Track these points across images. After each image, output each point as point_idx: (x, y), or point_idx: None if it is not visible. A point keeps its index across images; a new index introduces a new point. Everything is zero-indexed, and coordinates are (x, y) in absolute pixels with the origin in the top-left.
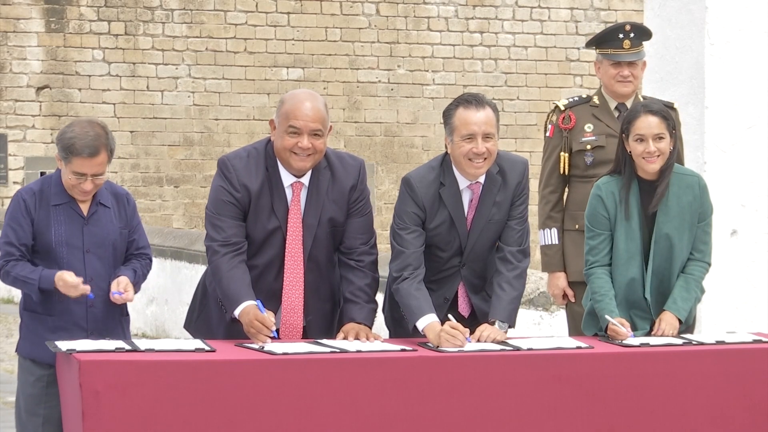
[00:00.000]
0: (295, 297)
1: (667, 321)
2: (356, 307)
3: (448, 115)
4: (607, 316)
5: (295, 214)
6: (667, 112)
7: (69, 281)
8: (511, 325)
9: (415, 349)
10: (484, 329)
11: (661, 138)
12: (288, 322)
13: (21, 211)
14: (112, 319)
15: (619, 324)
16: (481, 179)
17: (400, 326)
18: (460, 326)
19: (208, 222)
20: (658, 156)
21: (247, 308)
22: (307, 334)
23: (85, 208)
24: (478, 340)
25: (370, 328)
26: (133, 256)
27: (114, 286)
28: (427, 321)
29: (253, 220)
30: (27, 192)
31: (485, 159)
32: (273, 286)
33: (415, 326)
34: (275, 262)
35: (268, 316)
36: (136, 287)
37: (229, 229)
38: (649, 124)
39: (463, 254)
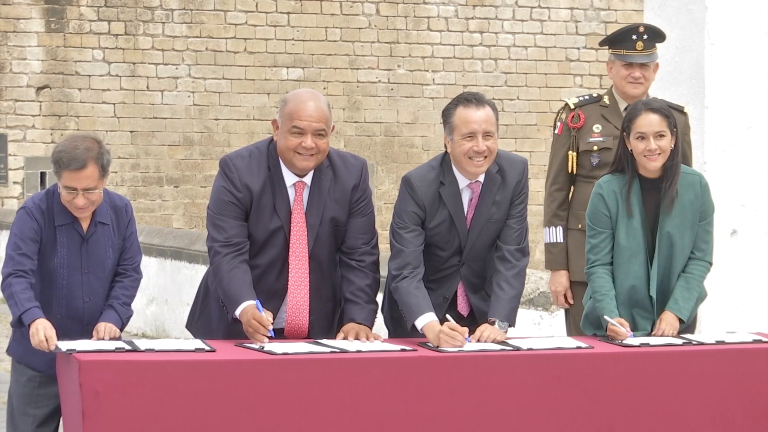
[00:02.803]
0: (300, 297)
1: (668, 321)
2: (356, 307)
3: (447, 114)
4: (606, 317)
5: (298, 215)
6: (667, 110)
7: (39, 338)
8: (511, 324)
9: (415, 349)
10: (484, 329)
11: (662, 136)
12: (293, 322)
13: (33, 228)
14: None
15: (618, 324)
16: (481, 178)
17: (400, 325)
18: (458, 327)
19: (210, 222)
20: (659, 154)
21: (246, 308)
22: (309, 334)
23: (85, 226)
24: (478, 340)
25: (371, 328)
26: (120, 274)
27: (95, 335)
28: (426, 320)
29: (255, 220)
30: (36, 210)
31: (486, 157)
32: (275, 286)
33: (413, 325)
34: (277, 262)
35: (267, 316)
36: (124, 319)
37: (231, 229)
38: (650, 121)
39: (462, 253)
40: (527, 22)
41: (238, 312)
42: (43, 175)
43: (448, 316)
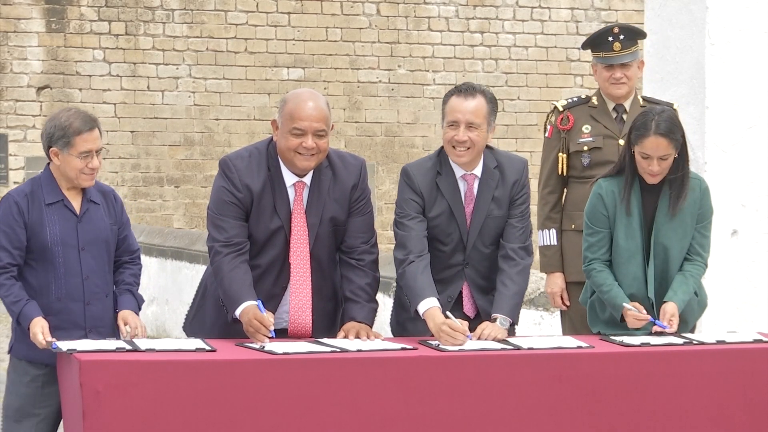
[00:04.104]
0: (302, 296)
1: (671, 312)
2: (357, 306)
3: (443, 102)
4: (625, 305)
5: (299, 215)
6: (674, 129)
7: (38, 338)
8: (514, 321)
9: (416, 348)
10: (484, 327)
11: (665, 158)
12: (296, 322)
13: (13, 214)
14: (110, 318)
15: (635, 309)
16: (478, 172)
17: (405, 329)
18: (459, 326)
19: (211, 222)
20: (660, 174)
21: (247, 308)
22: (311, 334)
23: (77, 205)
24: (479, 338)
25: (371, 327)
26: (127, 262)
27: (124, 329)
28: (428, 305)
29: (255, 220)
30: (18, 194)
31: (468, 148)
32: (275, 286)
33: (416, 311)
34: (277, 262)
35: (268, 316)
36: (141, 306)
37: (232, 229)
38: (657, 145)
39: (465, 251)
40: (528, 22)
41: (238, 312)
42: None
43: (449, 314)
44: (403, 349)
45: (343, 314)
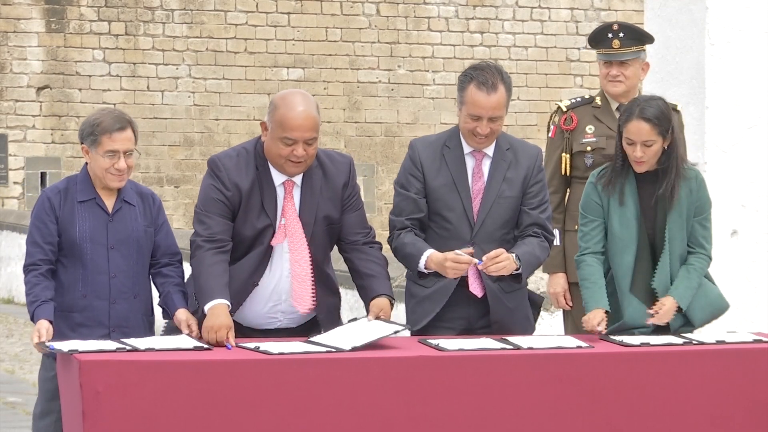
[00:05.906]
0: (303, 280)
1: (668, 306)
2: (377, 281)
3: (462, 84)
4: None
5: (290, 211)
6: (660, 117)
7: (33, 340)
8: (524, 274)
9: (416, 347)
10: (500, 254)
11: (649, 145)
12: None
13: (45, 209)
14: (135, 318)
15: (591, 318)
16: (489, 151)
17: (414, 312)
18: (465, 257)
19: (196, 218)
20: (645, 161)
21: (218, 306)
22: (321, 329)
23: (110, 204)
24: (488, 262)
25: (393, 300)
26: (169, 264)
27: (188, 327)
28: (426, 255)
29: (242, 219)
30: (52, 190)
31: (487, 137)
32: (246, 283)
33: (419, 272)
34: (258, 256)
35: (230, 339)
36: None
37: (216, 226)
38: (638, 130)
39: (473, 228)
40: (527, 23)
41: (208, 307)
42: (43, 175)
43: (457, 251)
44: (403, 348)
45: (364, 291)
